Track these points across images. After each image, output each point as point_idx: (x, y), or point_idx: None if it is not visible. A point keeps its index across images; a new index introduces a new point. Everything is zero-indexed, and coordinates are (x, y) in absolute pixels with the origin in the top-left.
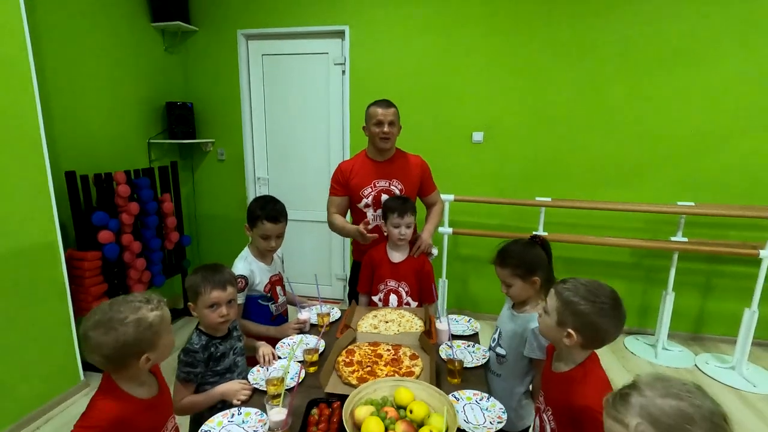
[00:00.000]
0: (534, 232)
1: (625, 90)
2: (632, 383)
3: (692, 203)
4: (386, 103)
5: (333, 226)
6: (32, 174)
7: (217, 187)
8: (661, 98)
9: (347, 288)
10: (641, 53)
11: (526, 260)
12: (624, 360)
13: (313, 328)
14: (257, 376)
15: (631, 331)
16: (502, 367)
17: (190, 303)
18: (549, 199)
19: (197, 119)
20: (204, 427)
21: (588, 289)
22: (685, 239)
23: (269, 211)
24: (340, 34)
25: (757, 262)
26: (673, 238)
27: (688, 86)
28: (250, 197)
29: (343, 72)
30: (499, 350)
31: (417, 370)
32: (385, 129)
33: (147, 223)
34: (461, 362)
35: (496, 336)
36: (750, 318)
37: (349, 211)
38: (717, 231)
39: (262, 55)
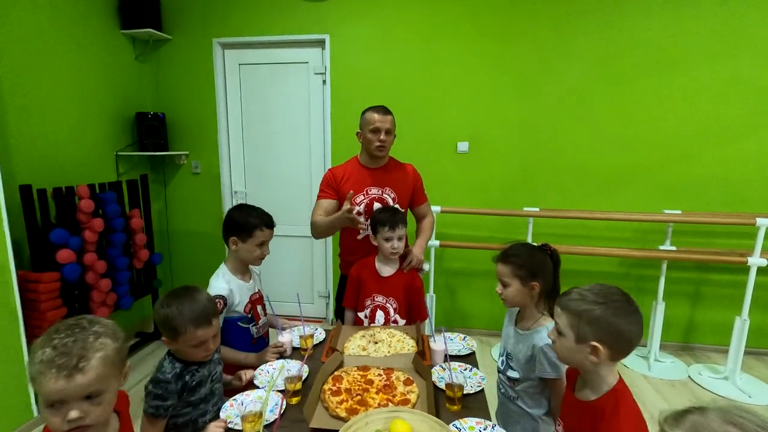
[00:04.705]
0: (544, 243)
1: (609, 98)
2: (702, 406)
3: (679, 211)
4: (384, 110)
5: (316, 227)
6: None
7: (191, 201)
8: (643, 106)
9: (331, 305)
10: (622, 62)
11: (530, 262)
12: None
13: (296, 352)
14: (230, 412)
15: None
16: (517, 390)
17: (164, 338)
18: (537, 209)
19: (170, 131)
20: None
21: (595, 293)
22: (674, 248)
23: (266, 218)
24: (321, 43)
25: (744, 269)
26: (661, 247)
27: (668, 94)
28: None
29: (324, 82)
30: (511, 373)
31: (413, 397)
32: (382, 137)
33: (113, 240)
34: (461, 387)
35: (504, 357)
36: (741, 327)
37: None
38: (702, 239)
39: (239, 64)
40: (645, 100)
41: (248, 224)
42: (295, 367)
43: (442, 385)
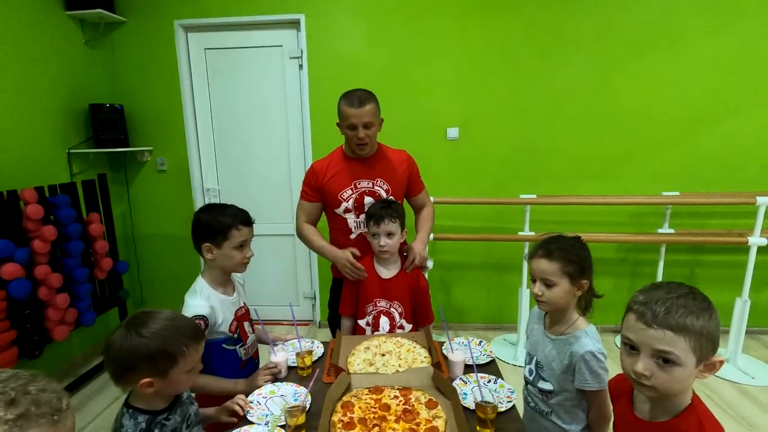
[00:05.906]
0: (576, 234)
1: (603, 80)
2: None
3: (677, 193)
4: (359, 101)
5: (304, 239)
6: None
7: (158, 202)
8: (637, 87)
9: (317, 306)
10: (616, 42)
11: (582, 257)
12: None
13: (292, 372)
14: None
15: (619, 329)
16: (551, 404)
17: (148, 379)
18: (534, 197)
19: (129, 124)
20: None
21: (686, 301)
22: (672, 231)
23: (242, 215)
24: (295, 24)
25: (742, 249)
26: (660, 230)
27: (662, 74)
28: None
29: (301, 66)
30: (543, 384)
31: (440, 423)
32: (360, 135)
33: (69, 249)
34: (495, 408)
35: (532, 366)
36: (742, 308)
37: (323, 216)
38: (698, 220)
39: (205, 49)
40: (639, 82)
41: (221, 224)
42: (290, 391)
43: (465, 403)
